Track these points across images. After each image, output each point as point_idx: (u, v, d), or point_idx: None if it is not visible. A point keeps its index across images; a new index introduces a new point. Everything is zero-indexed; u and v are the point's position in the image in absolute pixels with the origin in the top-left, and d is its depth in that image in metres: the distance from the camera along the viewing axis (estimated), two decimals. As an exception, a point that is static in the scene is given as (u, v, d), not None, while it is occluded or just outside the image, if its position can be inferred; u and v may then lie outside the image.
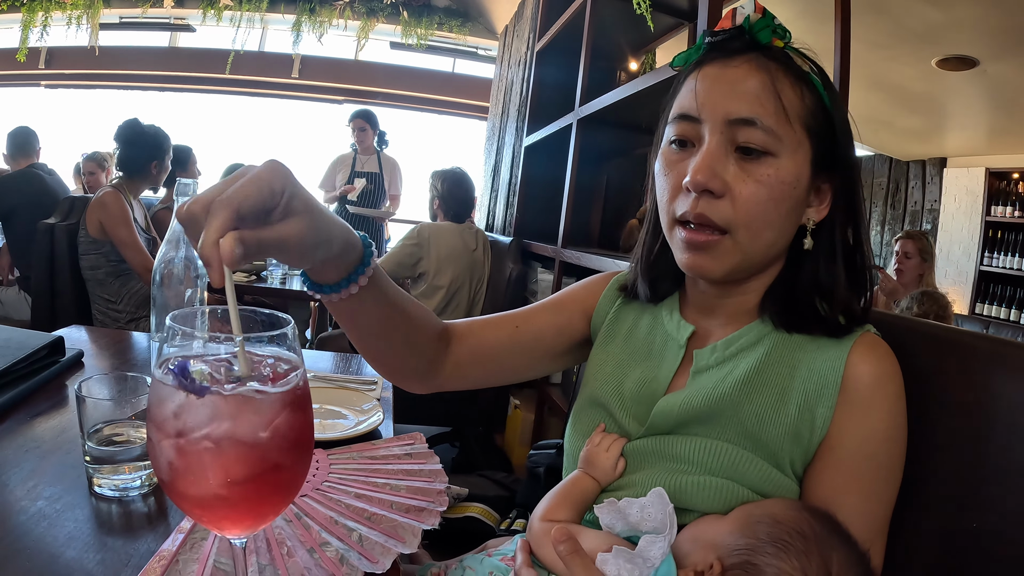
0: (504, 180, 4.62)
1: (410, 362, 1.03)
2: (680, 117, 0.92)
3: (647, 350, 1.05)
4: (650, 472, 0.93)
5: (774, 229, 0.89)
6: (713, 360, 0.95)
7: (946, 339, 0.93)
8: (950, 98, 5.24)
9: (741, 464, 0.86)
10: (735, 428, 0.89)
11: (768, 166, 0.86)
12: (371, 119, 5.50)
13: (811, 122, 0.88)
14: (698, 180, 0.86)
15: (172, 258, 1.35)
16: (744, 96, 0.86)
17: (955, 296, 6.21)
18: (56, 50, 7.35)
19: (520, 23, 4.89)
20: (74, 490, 0.93)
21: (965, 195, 6.38)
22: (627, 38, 3.75)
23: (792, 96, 0.87)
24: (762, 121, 0.85)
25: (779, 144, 0.86)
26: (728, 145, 0.87)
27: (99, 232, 3.01)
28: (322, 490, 1.02)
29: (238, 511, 0.59)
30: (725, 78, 0.89)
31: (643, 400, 0.99)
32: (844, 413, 0.85)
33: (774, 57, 0.89)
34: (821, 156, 0.90)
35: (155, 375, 0.57)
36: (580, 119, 2.92)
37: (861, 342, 0.88)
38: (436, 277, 3.47)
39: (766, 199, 0.86)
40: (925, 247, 3.89)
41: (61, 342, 1.46)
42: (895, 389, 0.86)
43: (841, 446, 0.85)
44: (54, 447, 1.06)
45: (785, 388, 0.88)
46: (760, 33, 0.89)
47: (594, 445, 0.99)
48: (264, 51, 7.82)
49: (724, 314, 0.99)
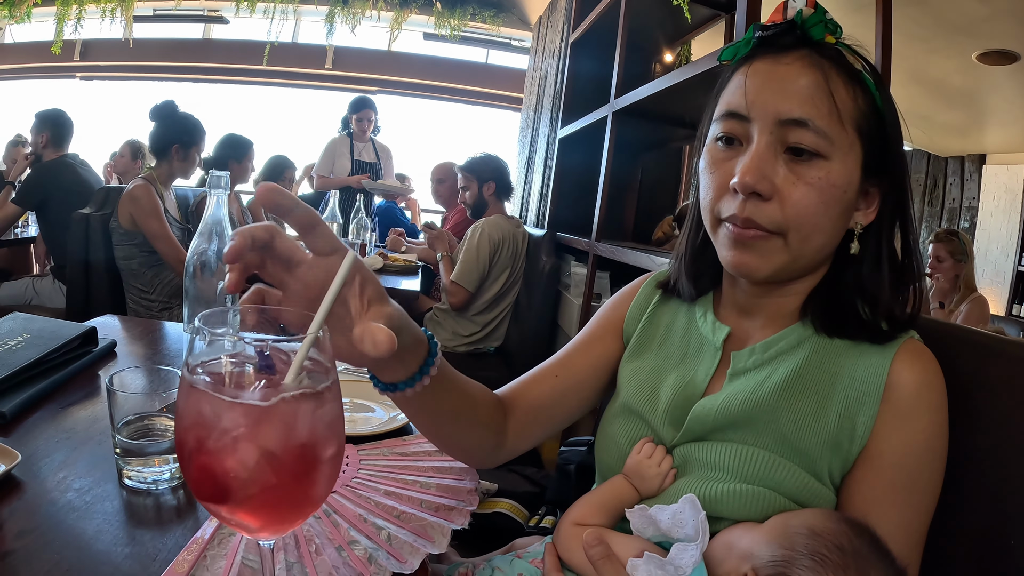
0: (538, 172, 4.59)
1: (481, 440, 1.02)
2: (728, 114, 0.89)
3: (682, 354, 1.03)
4: (685, 479, 0.91)
5: (824, 233, 0.86)
6: (751, 363, 0.92)
7: (991, 347, 0.90)
8: (990, 93, 5.15)
9: (778, 472, 0.84)
10: (772, 435, 0.86)
11: (819, 169, 0.83)
12: (374, 108, 5.51)
13: (863, 124, 0.85)
14: (747, 182, 0.83)
15: (205, 250, 1.35)
16: (796, 95, 0.83)
17: (992, 297, 6.10)
18: (91, 42, 7.45)
19: (554, 14, 4.87)
20: (104, 482, 0.93)
21: (1004, 193, 6.26)
22: (663, 30, 3.71)
23: (845, 96, 0.84)
24: (814, 123, 0.82)
25: (831, 147, 0.83)
26: (778, 146, 0.84)
27: (131, 224, 3.04)
28: (352, 486, 1.01)
29: (266, 516, 0.57)
30: (776, 75, 0.85)
31: (679, 405, 0.96)
32: (885, 422, 0.82)
33: (826, 55, 0.85)
34: (871, 159, 0.87)
35: (186, 377, 0.55)
36: (616, 111, 2.87)
37: (905, 349, 0.85)
38: (488, 277, 3.47)
39: (816, 203, 0.83)
40: (956, 248, 3.84)
41: (94, 332, 1.47)
42: (938, 399, 0.83)
43: (881, 456, 0.82)
44: (86, 438, 1.06)
45: (825, 395, 0.85)
46: (813, 29, 0.86)
47: (645, 457, 0.95)
48: (298, 42, 7.86)
49: (763, 315, 0.96)
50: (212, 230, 1.36)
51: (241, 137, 3.91)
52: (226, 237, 1.37)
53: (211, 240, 1.35)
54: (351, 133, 5.49)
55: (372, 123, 5.48)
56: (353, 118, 5.48)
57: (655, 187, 3.97)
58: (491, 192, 3.58)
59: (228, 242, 0.63)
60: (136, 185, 3.05)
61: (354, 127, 5.46)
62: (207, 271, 1.35)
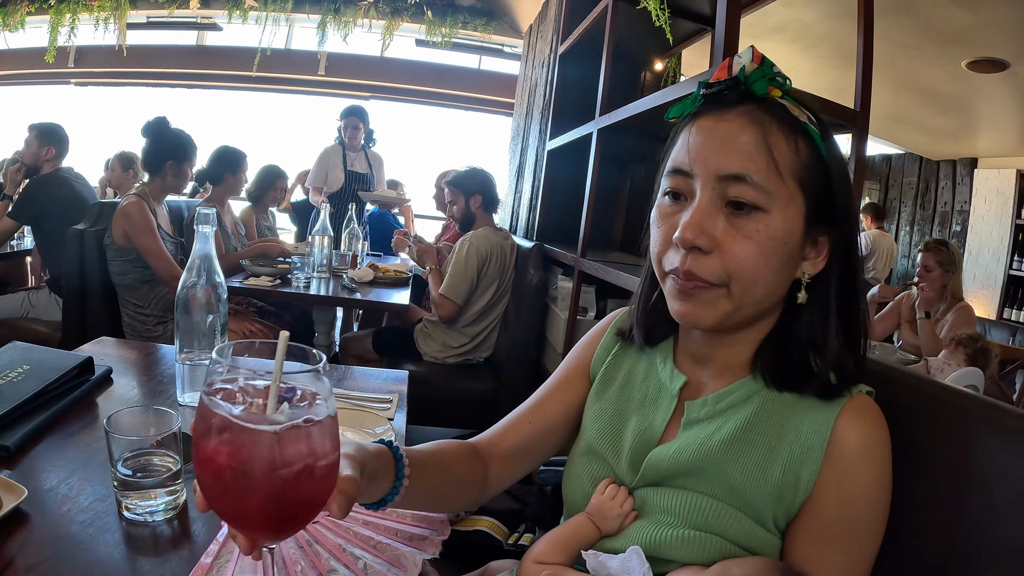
0: (528, 182, 4.61)
1: (465, 496, 1.10)
2: (674, 171, 0.92)
3: (642, 398, 1.06)
4: (641, 522, 0.96)
5: (765, 284, 0.88)
6: (704, 414, 0.96)
7: (938, 398, 0.93)
8: (980, 99, 5.19)
9: (725, 519, 0.88)
10: (721, 484, 0.90)
11: (758, 222, 0.86)
12: (364, 118, 5.52)
13: (805, 176, 0.88)
14: (686, 237, 0.86)
15: (194, 284, 1.39)
16: (735, 151, 0.86)
17: (983, 300, 6.15)
18: (85, 49, 7.44)
19: (544, 24, 4.88)
20: (105, 515, 0.99)
21: (996, 197, 6.30)
22: (651, 42, 3.73)
23: (785, 150, 0.87)
24: (752, 177, 0.85)
25: (770, 200, 0.85)
26: (719, 200, 0.87)
27: (124, 240, 3.09)
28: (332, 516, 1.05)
29: (273, 524, 0.67)
30: (718, 132, 0.89)
31: (637, 450, 1.00)
32: (828, 476, 0.85)
33: (769, 109, 0.88)
34: (817, 209, 0.89)
35: (205, 401, 0.64)
36: (601, 128, 2.91)
37: (851, 406, 0.88)
38: (477, 289, 3.50)
39: (756, 255, 0.86)
40: (945, 259, 3.84)
41: (90, 362, 1.52)
42: (881, 455, 0.86)
43: (823, 508, 0.86)
44: (86, 470, 1.12)
45: (772, 448, 0.89)
46: (755, 84, 0.89)
47: (608, 498, 0.99)
48: (291, 49, 7.89)
49: (717, 365, 1.00)
50: (200, 265, 1.40)
51: (235, 149, 3.92)
52: (214, 272, 1.41)
53: (200, 275, 1.39)
54: (343, 142, 5.50)
55: (360, 131, 5.47)
56: (341, 124, 5.50)
57: (644, 197, 3.93)
58: (478, 205, 3.60)
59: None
60: (129, 201, 3.09)
61: (344, 136, 5.48)
62: (196, 305, 1.40)
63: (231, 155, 3.88)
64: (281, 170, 4.51)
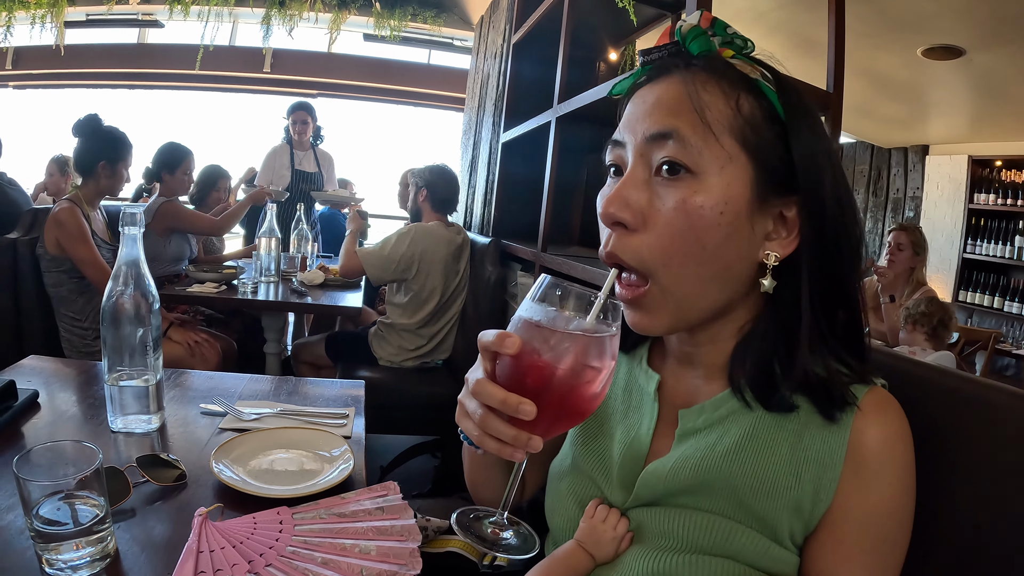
0: (481, 177, 4.52)
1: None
2: (610, 143, 0.85)
3: (626, 407, 0.97)
4: (639, 547, 0.85)
5: (700, 265, 0.78)
6: (701, 423, 0.86)
7: (962, 391, 0.84)
8: (934, 87, 5.22)
9: (736, 539, 0.78)
10: (728, 499, 0.80)
11: (687, 186, 0.76)
12: (312, 112, 5.39)
13: (749, 134, 0.77)
14: (608, 212, 0.79)
15: (120, 293, 1.26)
16: (660, 109, 0.79)
17: (939, 284, 6.22)
18: (23, 50, 7.20)
19: (496, 14, 4.78)
20: (24, 570, 0.85)
21: (948, 183, 6.38)
22: (608, 29, 3.67)
23: (722, 106, 0.77)
24: (678, 132, 0.76)
25: (699, 159, 0.76)
26: (648, 169, 0.79)
27: (57, 249, 2.90)
28: (287, 557, 0.93)
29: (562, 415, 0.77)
30: (650, 96, 0.81)
31: (627, 467, 0.90)
32: (850, 483, 0.76)
33: (710, 66, 0.80)
34: (770, 175, 0.78)
35: (543, 319, 0.75)
36: (559, 117, 2.81)
37: (868, 401, 0.78)
38: (425, 287, 3.39)
39: (684, 228, 0.76)
40: (918, 240, 3.84)
41: (13, 386, 1.37)
42: (904, 452, 0.77)
43: (845, 518, 0.76)
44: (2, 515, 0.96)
45: (784, 456, 0.79)
46: (692, 44, 0.81)
47: (599, 520, 0.88)
48: (235, 45, 7.68)
49: (704, 365, 0.90)
50: (127, 272, 1.26)
51: (177, 146, 3.74)
52: (143, 278, 1.27)
53: (127, 283, 1.26)
54: (291, 141, 5.35)
55: (309, 127, 5.33)
56: (288, 121, 5.34)
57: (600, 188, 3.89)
58: (423, 199, 3.53)
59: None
60: (61, 208, 2.90)
61: (292, 134, 5.32)
62: (124, 317, 1.26)
63: (167, 153, 3.69)
64: (223, 170, 4.36)
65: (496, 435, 0.75)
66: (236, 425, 1.41)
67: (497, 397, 0.73)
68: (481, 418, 0.75)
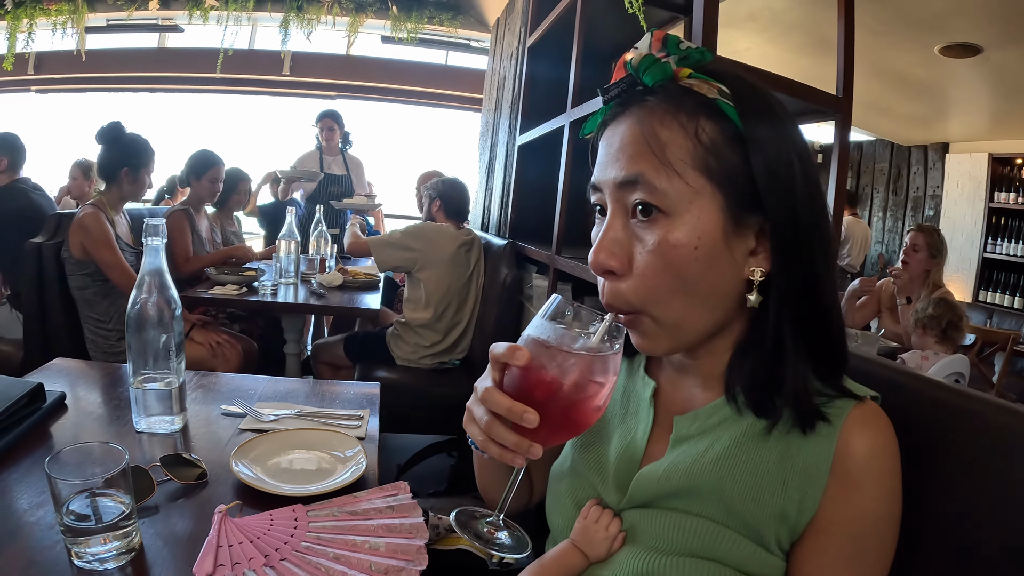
0: (498, 179, 4.53)
1: (524, 496, 1.17)
2: (591, 187, 0.87)
3: (624, 411, 1.00)
4: (631, 547, 0.88)
5: (686, 296, 0.80)
6: (695, 429, 0.88)
7: (952, 404, 0.86)
8: (952, 84, 5.20)
9: (723, 543, 0.80)
10: (717, 504, 0.82)
11: (660, 227, 0.78)
12: (339, 119, 5.54)
13: (712, 163, 0.78)
14: (598, 261, 0.81)
15: (144, 301, 1.30)
16: (624, 154, 0.81)
17: (958, 284, 6.18)
18: (45, 55, 7.30)
19: (511, 16, 4.79)
20: (55, 563, 0.91)
21: (968, 181, 6.33)
22: (622, 32, 3.65)
23: (682, 140, 0.78)
24: (644, 176, 0.78)
25: (666, 199, 0.77)
26: (625, 214, 0.82)
27: (82, 253, 2.97)
28: (301, 552, 0.98)
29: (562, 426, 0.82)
30: (614, 139, 0.83)
31: (623, 469, 0.93)
32: (835, 493, 0.78)
33: (666, 98, 0.81)
34: (741, 197, 0.79)
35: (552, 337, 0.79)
36: (573, 121, 2.83)
37: (855, 414, 0.80)
38: (432, 278, 3.43)
39: (661, 269, 0.79)
40: (934, 242, 3.77)
41: (41, 389, 1.41)
42: (890, 465, 0.79)
43: (830, 527, 0.78)
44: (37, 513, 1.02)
45: (771, 464, 0.81)
46: (646, 75, 0.81)
47: (592, 521, 0.91)
48: (254, 48, 7.76)
49: (701, 375, 0.92)
50: (151, 280, 1.31)
51: (208, 153, 3.84)
52: (166, 286, 1.32)
53: (151, 291, 1.31)
54: (320, 147, 5.51)
55: (336, 132, 5.48)
56: (317, 128, 5.50)
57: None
58: (437, 209, 3.59)
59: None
60: (85, 213, 2.97)
61: (321, 140, 5.50)
62: (148, 323, 1.31)
63: (197, 159, 3.80)
64: (243, 173, 4.42)
65: (500, 441, 0.79)
66: (255, 426, 1.46)
67: (503, 405, 0.78)
68: (487, 424, 0.80)
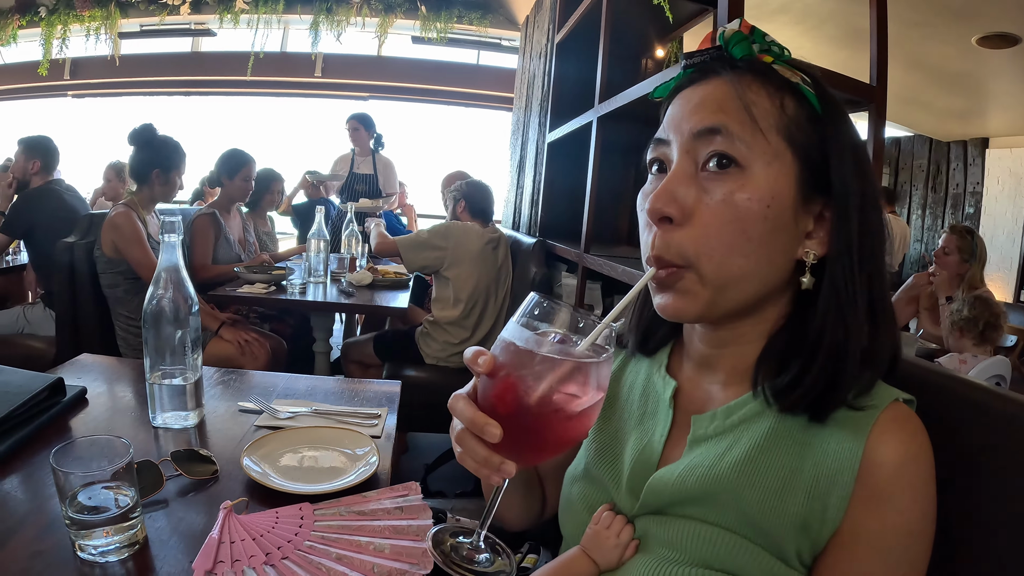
0: (529, 177, 4.51)
1: (532, 505, 1.13)
2: (654, 141, 0.85)
3: (641, 413, 0.96)
4: (643, 556, 0.84)
5: (744, 257, 0.77)
6: (712, 430, 0.84)
7: (995, 408, 0.79)
8: (991, 77, 5.08)
9: (740, 555, 0.76)
10: (734, 513, 0.78)
11: (734, 180, 0.76)
12: (365, 121, 5.62)
13: (796, 133, 0.78)
14: (655, 207, 0.77)
15: (161, 297, 1.30)
16: (708, 107, 0.79)
17: (999, 283, 6.04)
18: (80, 60, 7.44)
19: (540, 13, 4.78)
20: (60, 555, 0.91)
21: (1008, 177, 6.19)
22: (652, 25, 3.63)
23: (768, 105, 0.78)
24: (727, 127, 0.76)
25: (748, 153, 0.76)
26: (694, 166, 0.79)
27: (114, 252, 3.01)
28: (304, 551, 0.97)
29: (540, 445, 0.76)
30: (695, 96, 0.82)
31: (637, 473, 0.89)
32: (860, 503, 0.73)
33: (752, 70, 0.80)
34: (813, 174, 0.79)
35: (518, 340, 0.73)
36: (600, 116, 2.80)
37: (885, 418, 0.75)
38: (460, 275, 3.43)
39: (729, 220, 0.76)
40: (966, 245, 3.68)
41: (61, 383, 1.42)
42: (922, 473, 0.74)
43: (855, 540, 0.73)
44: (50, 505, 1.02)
45: (793, 470, 0.76)
46: (735, 48, 0.81)
47: (604, 527, 0.88)
48: (287, 51, 7.83)
49: (724, 370, 0.88)
50: (167, 277, 1.31)
51: (239, 152, 3.89)
52: (182, 283, 1.32)
53: (167, 287, 1.30)
54: (353, 149, 5.64)
55: (360, 132, 5.56)
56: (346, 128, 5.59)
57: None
58: (462, 210, 3.60)
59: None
60: (117, 212, 3.01)
61: (350, 141, 5.61)
62: (164, 320, 1.30)
63: (229, 158, 3.86)
64: (276, 173, 4.45)
65: (470, 455, 0.75)
66: (271, 423, 1.45)
67: (465, 415, 0.73)
68: (458, 435, 0.76)
